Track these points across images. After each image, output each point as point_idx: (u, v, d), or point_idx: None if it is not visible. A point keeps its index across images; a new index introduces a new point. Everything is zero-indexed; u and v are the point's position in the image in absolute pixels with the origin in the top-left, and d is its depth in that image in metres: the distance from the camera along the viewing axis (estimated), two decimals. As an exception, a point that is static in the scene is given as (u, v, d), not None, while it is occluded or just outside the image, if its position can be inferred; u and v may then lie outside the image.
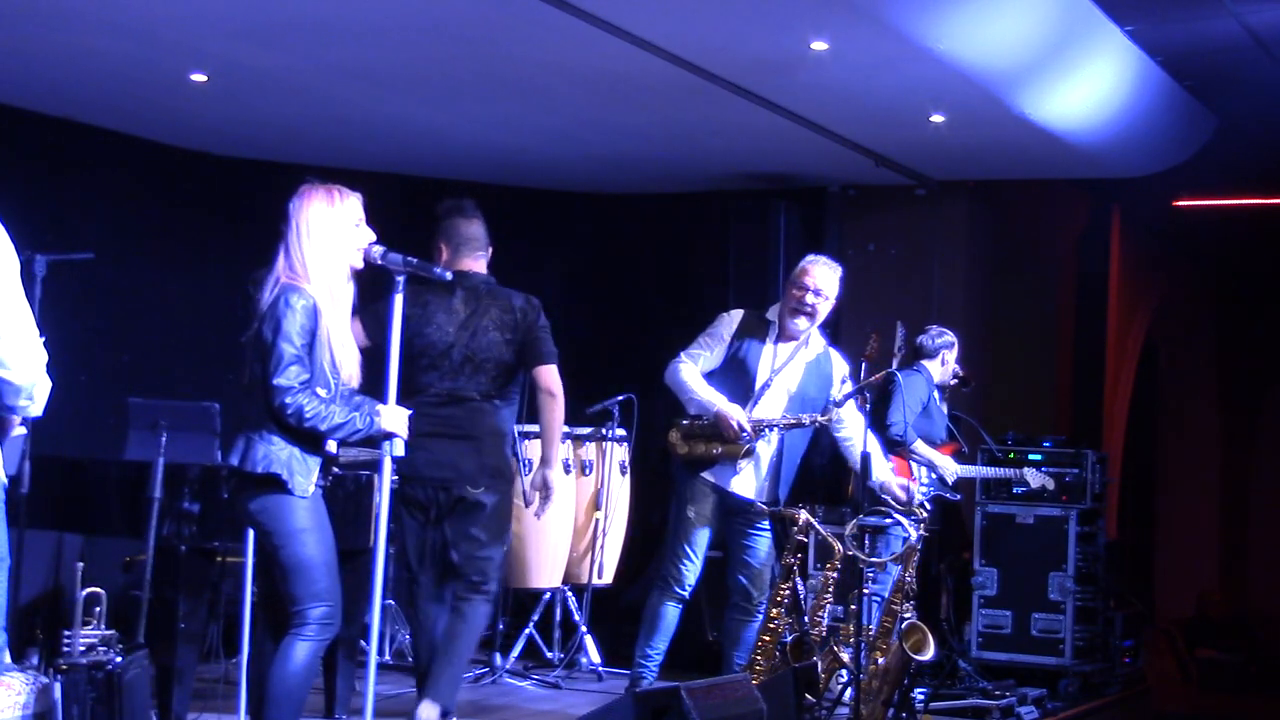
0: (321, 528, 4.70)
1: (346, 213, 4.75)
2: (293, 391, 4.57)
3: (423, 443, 5.50)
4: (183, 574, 5.75)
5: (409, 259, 4.91)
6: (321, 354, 4.65)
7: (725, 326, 6.59)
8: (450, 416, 5.78)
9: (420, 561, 5.86)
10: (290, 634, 4.65)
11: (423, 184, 9.46)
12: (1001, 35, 6.98)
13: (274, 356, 4.58)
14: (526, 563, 7.89)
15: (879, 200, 9.66)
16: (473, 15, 6.51)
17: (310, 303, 4.63)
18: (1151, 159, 9.13)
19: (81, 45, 6.92)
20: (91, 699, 4.74)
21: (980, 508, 8.42)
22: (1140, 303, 11.92)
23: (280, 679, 4.64)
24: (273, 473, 4.61)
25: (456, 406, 5.80)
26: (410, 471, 5.70)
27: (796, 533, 6.23)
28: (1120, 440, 11.53)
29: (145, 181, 8.49)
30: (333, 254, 4.71)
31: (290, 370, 4.58)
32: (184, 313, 8.66)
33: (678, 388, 6.50)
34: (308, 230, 4.69)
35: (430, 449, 5.66)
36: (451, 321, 5.86)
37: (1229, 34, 7.46)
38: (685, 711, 4.88)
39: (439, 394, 5.78)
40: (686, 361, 6.52)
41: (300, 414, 4.58)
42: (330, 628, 4.69)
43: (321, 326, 4.65)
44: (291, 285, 4.65)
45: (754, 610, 6.40)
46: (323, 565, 4.67)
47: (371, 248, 4.79)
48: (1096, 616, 8.45)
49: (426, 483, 5.75)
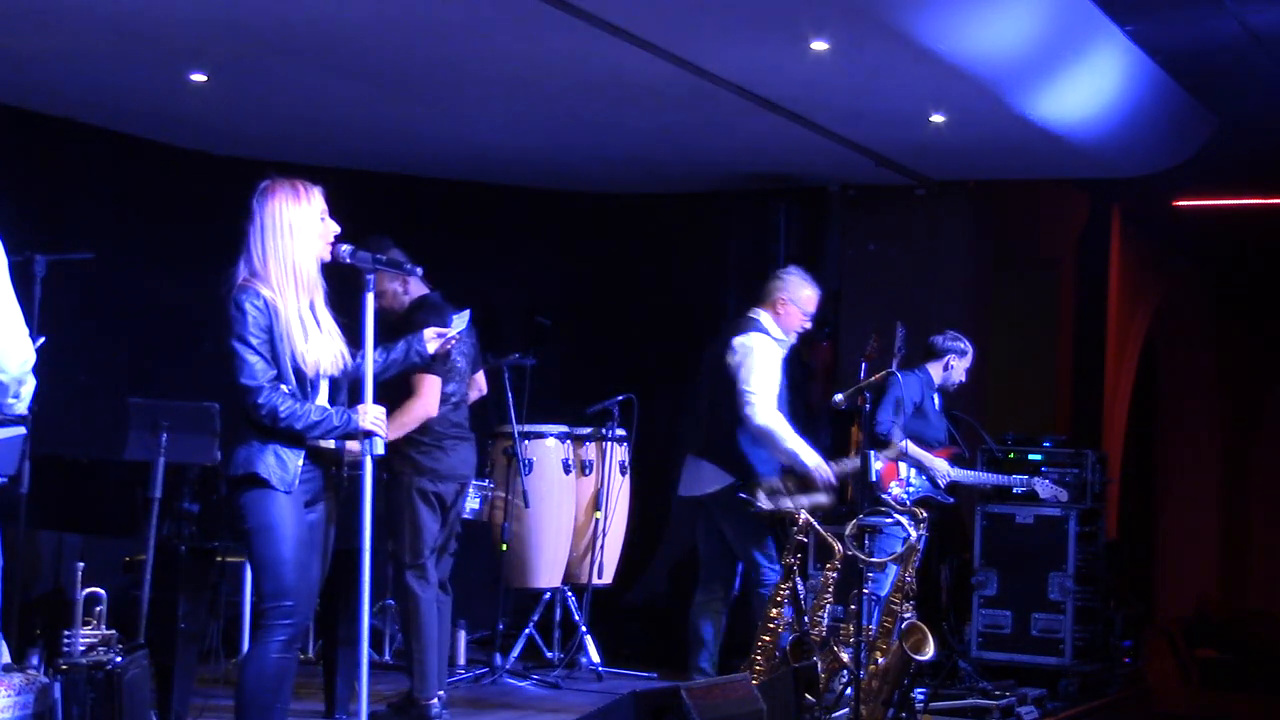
0: (299, 523, 4.68)
1: (312, 206, 4.75)
2: (263, 391, 4.57)
3: (451, 445, 6.29)
4: (183, 574, 5.75)
5: (378, 256, 4.91)
6: (282, 350, 4.64)
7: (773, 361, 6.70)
8: (462, 420, 6.40)
9: (432, 552, 6.30)
10: (259, 632, 4.69)
11: (423, 184, 9.46)
12: (1001, 35, 6.98)
13: (234, 360, 4.59)
14: (526, 563, 7.89)
15: (879, 200, 9.66)
16: (473, 15, 6.50)
17: (262, 301, 4.62)
18: (1151, 159, 9.12)
19: (81, 45, 6.91)
20: (91, 699, 4.74)
21: (980, 508, 8.42)
22: (1140, 303, 11.92)
23: (250, 678, 4.66)
24: (253, 472, 4.62)
25: (462, 410, 6.41)
26: (447, 470, 6.28)
27: (796, 533, 6.23)
28: (1120, 440, 11.53)
29: (145, 181, 8.48)
30: (301, 249, 4.70)
31: (255, 369, 4.58)
32: (184, 313, 8.64)
33: (775, 439, 6.59)
34: (274, 226, 4.69)
35: (458, 451, 6.33)
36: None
37: (1229, 34, 7.46)
38: (685, 711, 4.88)
39: (456, 401, 6.35)
40: (779, 414, 6.63)
41: (275, 413, 4.58)
42: (290, 628, 4.67)
43: (279, 323, 4.63)
44: (243, 287, 4.64)
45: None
46: (290, 563, 4.65)
47: (340, 246, 4.79)
48: (1096, 616, 8.45)
49: (454, 480, 6.33)
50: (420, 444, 6.22)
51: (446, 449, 6.27)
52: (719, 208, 9.74)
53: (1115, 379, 11.35)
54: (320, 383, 4.74)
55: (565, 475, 8.03)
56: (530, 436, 7.91)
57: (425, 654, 6.25)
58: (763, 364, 6.63)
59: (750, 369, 6.61)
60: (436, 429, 6.23)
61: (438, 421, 6.21)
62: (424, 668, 6.25)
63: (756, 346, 6.67)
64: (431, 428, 6.22)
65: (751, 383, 6.59)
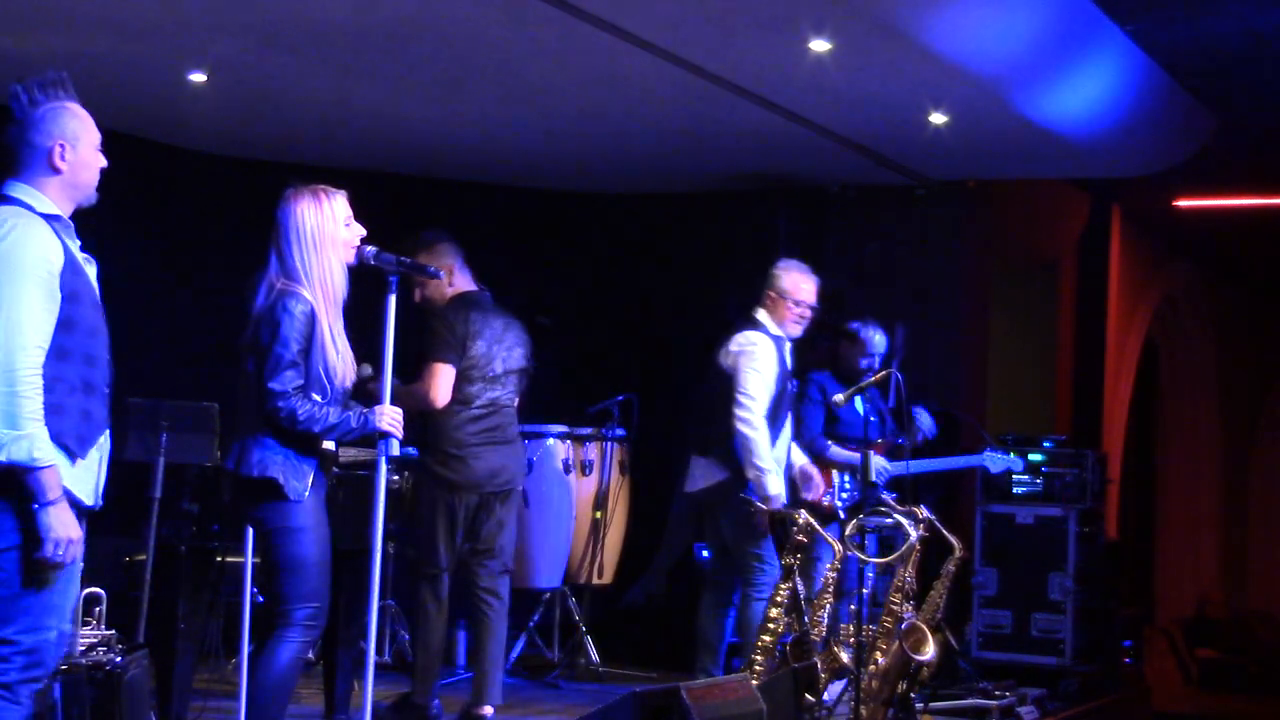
0: (319, 527, 4.71)
1: (336, 212, 4.75)
2: (287, 396, 4.59)
3: (477, 452, 6.15)
4: (183, 574, 5.75)
5: (402, 259, 4.95)
6: (317, 359, 4.66)
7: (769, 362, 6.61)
8: (494, 424, 6.23)
9: (448, 560, 6.19)
10: (275, 633, 4.68)
11: (423, 184, 9.46)
12: (1002, 35, 6.98)
13: (270, 360, 4.59)
14: (526, 563, 7.89)
15: (879, 200, 9.65)
16: (472, 15, 6.51)
17: (308, 308, 4.64)
18: (1152, 159, 9.12)
19: (81, 45, 6.91)
20: (91, 699, 4.73)
21: (980, 508, 8.41)
22: (1140, 303, 11.92)
23: (265, 679, 4.66)
24: (269, 476, 4.62)
25: (499, 415, 6.25)
26: (470, 479, 6.14)
27: (796, 533, 6.23)
28: (1120, 440, 11.52)
29: (145, 181, 8.48)
30: (326, 254, 4.71)
31: (286, 375, 4.60)
32: (184, 313, 8.64)
33: (750, 453, 6.49)
34: (299, 234, 4.70)
35: (485, 458, 6.17)
36: (493, 335, 6.24)
37: (1229, 34, 7.46)
38: (685, 711, 4.88)
39: (485, 404, 6.21)
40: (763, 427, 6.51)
41: (294, 417, 4.59)
42: (314, 629, 4.70)
43: (318, 332, 4.66)
44: (290, 291, 4.65)
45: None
46: (316, 566, 4.68)
47: (364, 248, 4.81)
48: (1096, 616, 8.44)
49: (486, 489, 6.19)
50: (440, 453, 6.17)
51: (468, 458, 6.14)
52: (719, 208, 9.74)
53: (1115, 379, 11.34)
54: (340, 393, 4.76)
55: (565, 475, 8.03)
56: (530, 436, 7.90)
57: (428, 660, 6.24)
58: (758, 367, 6.59)
59: (747, 373, 6.57)
60: (456, 436, 6.13)
61: (460, 430, 6.12)
62: (425, 673, 6.25)
63: (751, 347, 6.62)
64: (452, 435, 6.14)
65: (747, 387, 6.54)
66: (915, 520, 6.40)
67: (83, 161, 3.95)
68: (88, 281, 3.92)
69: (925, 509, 6.45)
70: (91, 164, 3.97)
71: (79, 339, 3.83)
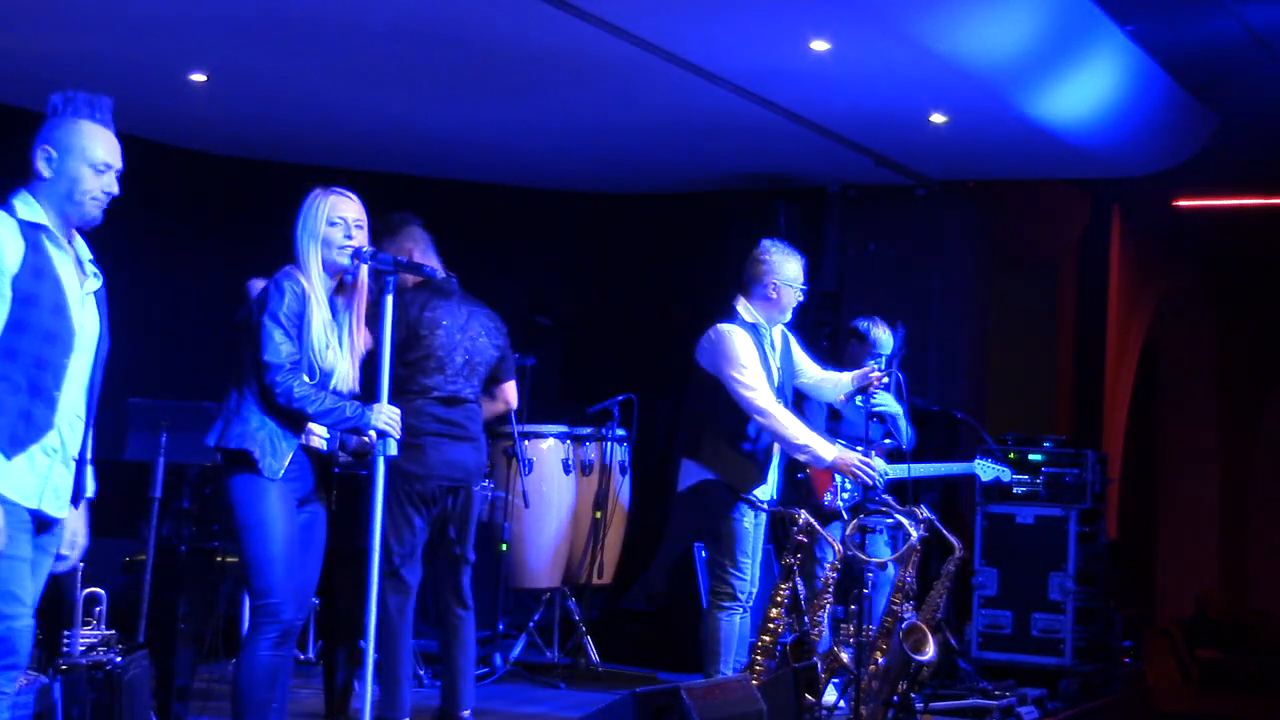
0: (290, 521, 4.70)
1: (326, 210, 4.79)
2: (283, 370, 4.62)
3: (433, 443, 5.81)
4: (183, 574, 5.75)
5: (399, 259, 4.98)
6: (306, 342, 4.70)
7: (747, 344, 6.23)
8: (454, 418, 5.93)
9: (405, 558, 5.82)
10: (250, 630, 4.72)
11: (423, 184, 9.46)
12: (1001, 35, 6.98)
13: (262, 333, 4.64)
14: (526, 563, 7.89)
15: (879, 200, 9.65)
16: (472, 15, 6.51)
17: (301, 290, 4.71)
18: (1151, 159, 9.12)
19: (81, 45, 6.92)
20: (91, 699, 4.74)
21: (981, 508, 8.41)
22: (1140, 303, 11.92)
23: (242, 677, 4.69)
24: (245, 448, 4.64)
25: (458, 408, 5.96)
26: (424, 470, 5.81)
27: (797, 533, 6.22)
28: (1120, 440, 11.53)
29: (145, 181, 8.46)
30: (316, 247, 4.77)
31: (281, 348, 4.64)
32: (184, 313, 8.65)
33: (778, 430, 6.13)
34: (300, 224, 4.80)
35: (442, 450, 5.85)
36: (455, 325, 5.99)
37: (1229, 34, 7.46)
38: (685, 711, 4.88)
39: (443, 396, 5.92)
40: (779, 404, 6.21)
41: (290, 394, 4.61)
42: (279, 624, 4.70)
43: (308, 314, 4.70)
44: (286, 272, 4.75)
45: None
46: (280, 560, 4.68)
47: (361, 248, 4.82)
48: (1096, 616, 8.44)
49: (439, 481, 5.86)
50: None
51: (425, 447, 5.77)
52: (719, 208, 9.73)
53: (1115, 379, 11.34)
54: (329, 384, 4.76)
55: (565, 475, 8.02)
56: (530, 436, 7.90)
57: (391, 667, 5.78)
58: (736, 349, 6.19)
59: (727, 357, 6.17)
60: (414, 424, 5.64)
61: (417, 418, 5.76)
62: (391, 683, 5.78)
63: (722, 336, 6.24)
64: (409, 424, 5.46)
65: (735, 368, 6.13)
66: (916, 520, 6.40)
67: (69, 174, 3.94)
68: (57, 289, 3.87)
69: (925, 509, 6.45)
70: (81, 179, 3.95)
71: (31, 342, 3.81)
